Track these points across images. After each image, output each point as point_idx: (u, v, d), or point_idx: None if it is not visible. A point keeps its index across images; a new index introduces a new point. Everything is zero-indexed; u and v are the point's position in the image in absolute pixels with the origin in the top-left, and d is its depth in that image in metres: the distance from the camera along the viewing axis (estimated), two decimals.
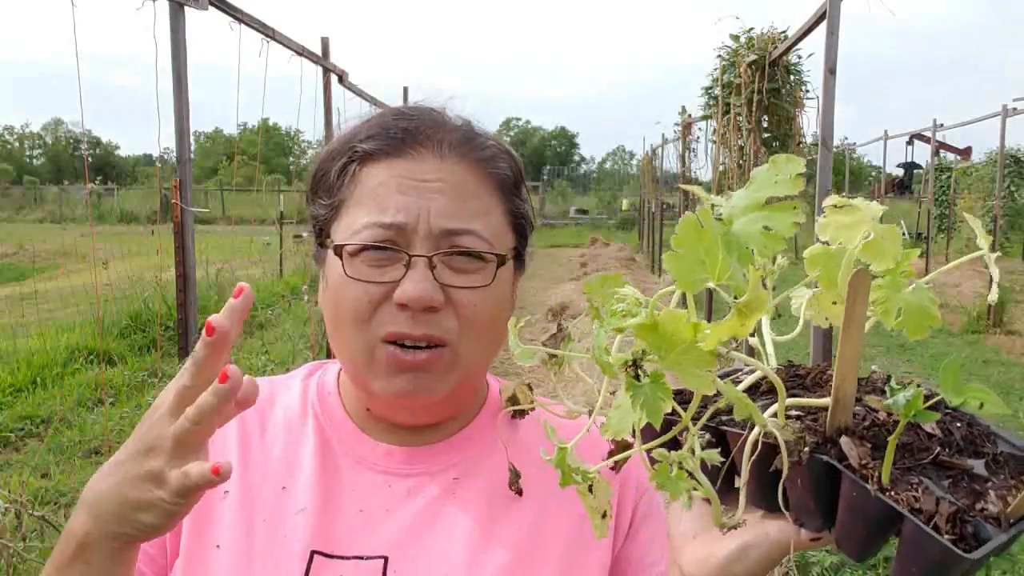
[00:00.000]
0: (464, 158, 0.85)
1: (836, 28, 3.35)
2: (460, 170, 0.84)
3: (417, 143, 0.84)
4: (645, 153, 19.48)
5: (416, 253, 0.81)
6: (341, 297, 0.83)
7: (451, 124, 0.87)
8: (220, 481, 0.64)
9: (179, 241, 3.45)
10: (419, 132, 0.85)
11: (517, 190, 0.90)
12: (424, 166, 0.83)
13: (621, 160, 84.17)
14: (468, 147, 0.86)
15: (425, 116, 0.87)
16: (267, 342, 7.31)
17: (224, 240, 10.34)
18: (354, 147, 0.86)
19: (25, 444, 5.42)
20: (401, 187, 0.82)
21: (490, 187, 0.86)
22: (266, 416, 0.93)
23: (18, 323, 7.68)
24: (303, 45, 4.98)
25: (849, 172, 20.89)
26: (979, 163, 17.47)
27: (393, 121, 0.86)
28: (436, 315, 0.81)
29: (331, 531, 0.82)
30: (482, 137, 0.88)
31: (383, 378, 0.82)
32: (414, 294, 0.79)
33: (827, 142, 3.42)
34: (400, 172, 0.83)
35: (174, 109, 3.40)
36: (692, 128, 10.51)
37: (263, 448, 0.89)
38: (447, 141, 0.85)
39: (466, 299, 0.82)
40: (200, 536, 0.83)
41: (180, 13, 3.38)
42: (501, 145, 0.90)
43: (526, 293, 12.88)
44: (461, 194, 0.83)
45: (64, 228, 19.76)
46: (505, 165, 0.88)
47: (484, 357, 0.87)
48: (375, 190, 0.83)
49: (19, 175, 58.46)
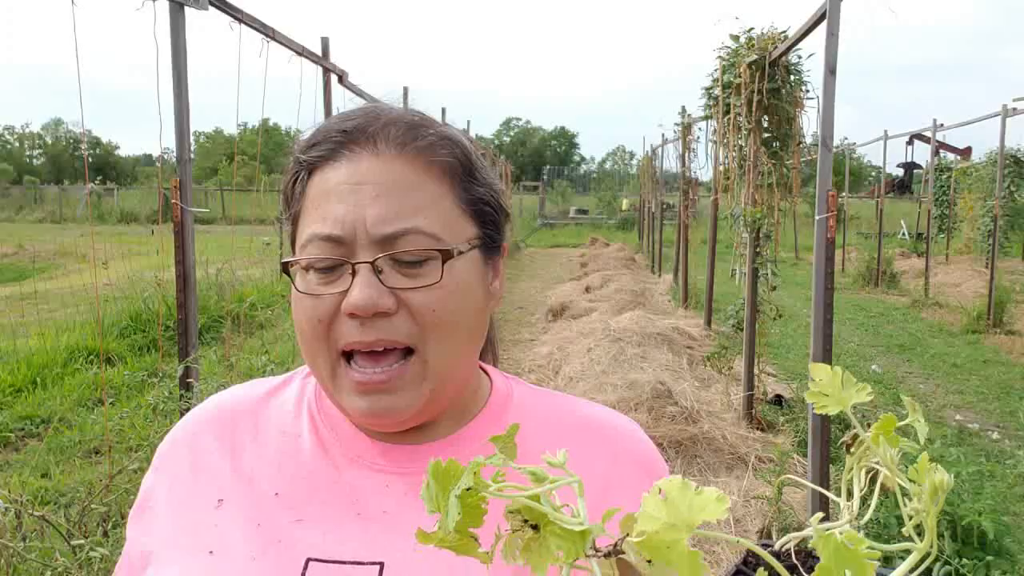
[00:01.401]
0: (402, 151, 0.82)
1: (836, 28, 3.35)
2: (398, 165, 0.81)
3: (355, 143, 0.82)
4: (645, 153, 19.47)
5: (359, 260, 0.79)
6: (298, 314, 0.83)
7: (391, 118, 0.84)
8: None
9: (179, 241, 3.45)
10: (356, 132, 0.83)
11: (470, 176, 0.85)
12: (360, 167, 0.81)
13: (621, 160, 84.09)
14: (405, 139, 0.83)
15: (367, 114, 0.85)
16: (267, 342, 7.31)
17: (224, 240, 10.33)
18: (298, 158, 0.85)
19: (25, 444, 5.42)
20: (339, 195, 0.80)
21: (434, 176, 0.82)
22: (259, 417, 0.91)
23: (18, 323, 7.68)
24: (303, 45, 4.98)
25: (849, 172, 20.88)
26: (979, 163, 17.46)
27: (334, 125, 0.84)
28: (389, 320, 0.79)
29: (328, 535, 0.81)
30: (423, 127, 0.84)
31: (347, 397, 0.81)
32: (358, 300, 0.77)
33: (827, 142, 3.42)
34: (338, 178, 0.81)
35: (174, 109, 3.40)
36: (692, 128, 10.51)
37: (256, 451, 0.88)
38: (384, 137, 0.82)
39: (419, 300, 0.79)
40: (191, 544, 0.82)
41: (180, 13, 3.38)
42: (443, 131, 0.85)
43: (526, 293, 12.87)
44: (399, 190, 0.80)
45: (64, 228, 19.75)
46: (447, 152, 0.84)
47: (458, 357, 0.84)
48: (317, 200, 0.82)
49: (19, 175, 58.47)
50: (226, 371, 4.85)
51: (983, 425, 6.21)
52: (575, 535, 0.47)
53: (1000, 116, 10.71)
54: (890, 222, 21.58)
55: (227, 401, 0.95)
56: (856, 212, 27.36)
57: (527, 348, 8.46)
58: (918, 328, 10.35)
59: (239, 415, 0.92)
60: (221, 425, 0.91)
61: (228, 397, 0.96)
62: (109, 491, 3.34)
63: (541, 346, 8.26)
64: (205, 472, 0.87)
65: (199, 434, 0.91)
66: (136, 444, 4.47)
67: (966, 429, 6.08)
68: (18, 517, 2.63)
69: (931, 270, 13.86)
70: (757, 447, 5.17)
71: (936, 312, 11.52)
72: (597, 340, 7.13)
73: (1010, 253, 17.86)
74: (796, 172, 5.71)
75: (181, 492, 0.87)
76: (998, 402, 6.82)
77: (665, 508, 0.43)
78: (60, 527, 2.69)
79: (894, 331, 10.19)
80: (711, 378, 6.76)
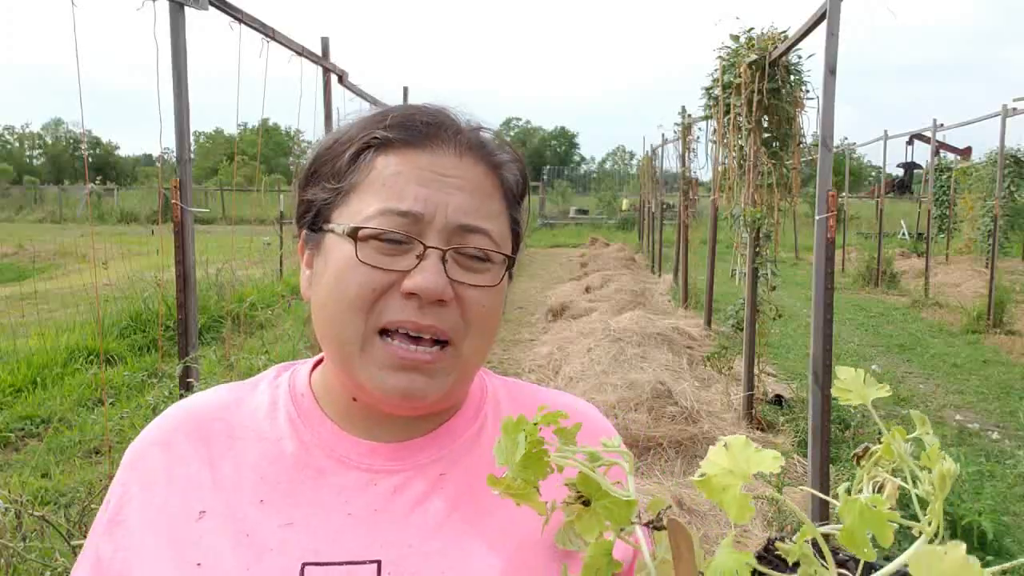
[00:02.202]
0: (481, 161, 0.86)
1: (836, 28, 3.35)
2: (478, 171, 0.85)
3: (438, 138, 0.85)
4: (645, 153, 19.47)
5: (431, 244, 0.80)
6: (345, 282, 0.82)
7: (469, 125, 0.88)
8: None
9: (179, 241, 3.45)
10: (440, 127, 0.85)
11: (520, 199, 0.91)
12: (444, 161, 0.84)
13: (621, 160, 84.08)
14: (485, 150, 0.87)
15: (444, 114, 0.88)
16: (267, 342, 7.31)
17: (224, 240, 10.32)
18: (373, 134, 0.85)
19: (25, 444, 5.42)
20: (420, 179, 0.82)
21: (500, 193, 0.87)
22: (233, 424, 0.89)
23: (18, 323, 7.68)
24: (303, 45, 4.98)
25: (849, 172, 20.88)
26: (979, 163, 17.45)
27: (415, 114, 0.86)
28: (443, 309, 0.81)
29: (320, 538, 0.80)
30: (498, 142, 0.89)
31: (378, 373, 0.81)
32: (427, 285, 0.78)
33: (827, 142, 3.42)
34: (420, 164, 0.83)
35: (174, 109, 3.40)
36: (692, 128, 10.51)
37: (235, 459, 0.85)
38: (466, 141, 0.86)
39: (473, 297, 0.82)
40: (175, 558, 0.79)
41: (180, 13, 3.38)
42: (515, 153, 0.90)
43: (526, 293, 12.87)
44: (478, 194, 0.84)
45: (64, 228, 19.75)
46: (515, 174, 0.89)
47: (481, 356, 0.87)
48: (391, 178, 0.83)
49: (19, 175, 58.46)
50: (226, 371, 4.84)
51: (983, 425, 6.21)
52: (623, 505, 0.54)
53: (1000, 116, 10.71)
54: (890, 222, 21.57)
55: (196, 407, 0.91)
56: (856, 212, 27.35)
57: (527, 348, 8.46)
58: (918, 328, 10.35)
59: (210, 422, 0.89)
60: (194, 433, 0.88)
61: (196, 403, 0.92)
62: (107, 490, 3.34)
63: (541, 346, 8.25)
64: (181, 483, 0.84)
65: (172, 443, 0.87)
66: None
67: (966, 429, 6.08)
68: (18, 517, 2.63)
69: (931, 270, 13.86)
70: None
71: (936, 312, 11.52)
72: (597, 340, 7.13)
73: (1010, 253, 17.87)
74: (796, 172, 5.71)
75: (157, 503, 0.83)
76: (998, 402, 6.82)
77: (727, 458, 0.50)
78: (60, 527, 2.68)
79: (894, 331, 10.19)
80: (711, 378, 6.76)
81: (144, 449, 0.89)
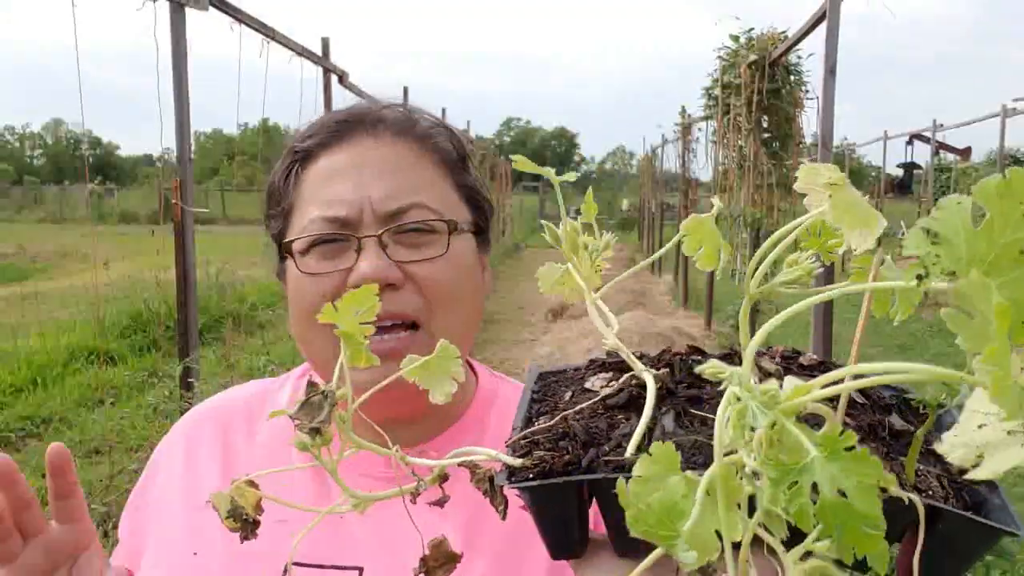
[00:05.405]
0: (399, 136, 0.85)
1: (836, 29, 3.35)
2: (398, 148, 0.84)
3: (351, 131, 0.85)
4: (645, 153, 19.48)
5: (365, 235, 0.80)
6: (299, 297, 0.82)
7: (387, 107, 0.87)
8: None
9: (179, 241, 3.45)
10: (353, 120, 0.85)
11: (463, 163, 0.89)
12: (360, 150, 0.83)
13: (621, 160, 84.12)
14: (403, 125, 0.86)
15: (360, 108, 0.88)
16: (267, 342, 7.31)
17: (224, 240, 10.33)
18: (294, 148, 0.86)
19: (25, 444, 5.42)
20: (340, 176, 0.82)
21: (431, 161, 0.85)
22: (255, 421, 0.91)
23: (18, 323, 7.68)
24: (303, 45, 4.98)
25: (849, 172, 20.83)
26: (979, 163, 17.46)
27: (329, 117, 0.87)
28: (397, 293, 0.79)
29: (308, 539, 0.79)
30: (417, 115, 0.88)
31: (355, 373, 0.81)
32: (367, 272, 0.77)
33: (827, 142, 3.42)
34: (338, 162, 0.83)
35: (174, 109, 3.40)
36: (692, 128, 10.51)
37: (249, 455, 0.88)
38: (381, 123, 0.85)
39: (425, 272, 0.81)
40: (177, 545, 0.83)
41: (180, 13, 3.38)
42: (438, 120, 0.89)
43: (526, 293, 12.86)
44: (400, 170, 0.83)
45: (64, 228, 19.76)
46: (444, 139, 0.87)
47: (460, 337, 0.84)
48: (316, 185, 0.83)
49: (19, 175, 58.47)
50: (226, 371, 4.85)
51: None
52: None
53: (1000, 116, 10.72)
54: (890, 222, 21.49)
55: (222, 402, 0.95)
56: None
57: (527, 348, 8.46)
58: (918, 328, 10.34)
59: (233, 416, 0.92)
60: (216, 426, 0.92)
61: (223, 398, 0.96)
62: (109, 491, 3.35)
63: (541, 346, 8.26)
64: (196, 473, 0.88)
65: (194, 436, 0.92)
66: (136, 444, 4.47)
67: None
68: None
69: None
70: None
71: (936, 312, 11.52)
72: (597, 340, 7.12)
73: None
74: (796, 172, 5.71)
75: (172, 493, 0.88)
76: None
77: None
78: None
79: (894, 331, 10.19)
80: None
81: (172, 439, 0.94)
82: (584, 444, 0.49)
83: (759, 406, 0.36)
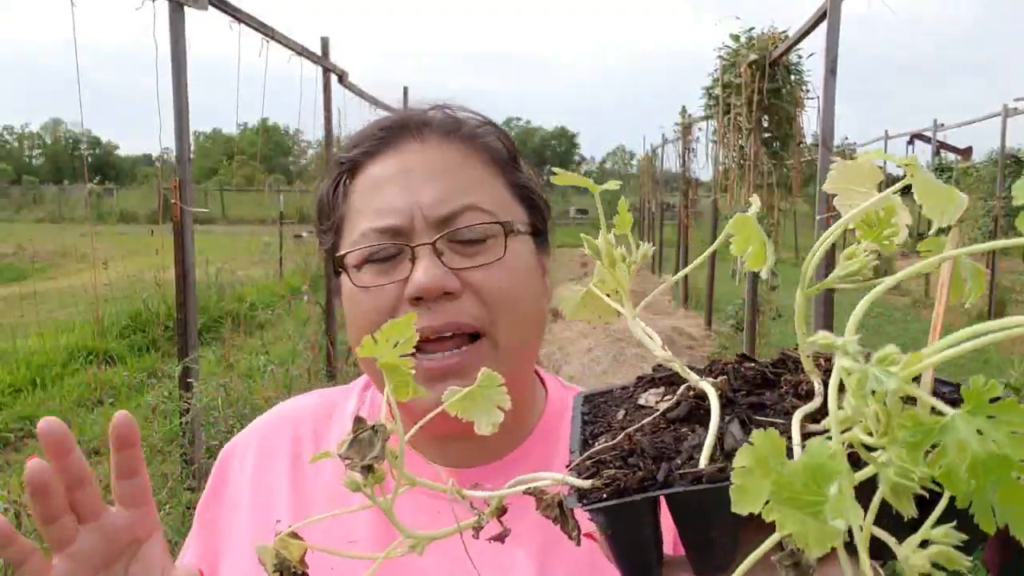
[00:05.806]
0: (446, 137, 0.82)
1: (836, 28, 3.34)
2: (447, 149, 0.81)
3: (397, 137, 0.82)
4: (645, 153, 19.47)
5: (418, 243, 0.77)
6: (355, 313, 0.80)
7: (432, 110, 0.85)
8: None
9: (178, 241, 3.44)
10: (397, 126, 0.83)
11: (515, 163, 0.85)
12: (406, 155, 0.81)
13: (621, 160, 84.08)
14: (449, 127, 0.83)
15: (403, 114, 0.85)
16: (267, 342, 7.30)
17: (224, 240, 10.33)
18: (339, 160, 0.84)
19: (25, 444, 5.42)
20: (389, 184, 0.80)
21: (480, 161, 0.82)
22: (321, 433, 0.88)
23: (18, 323, 7.67)
24: (303, 45, 4.98)
25: None
26: (980, 163, 17.45)
27: (373, 126, 0.85)
28: (456, 302, 0.76)
29: (382, 564, 0.79)
30: (464, 115, 0.85)
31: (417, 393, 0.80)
32: (424, 281, 0.74)
33: (827, 142, 3.42)
34: (385, 170, 0.81)
35: (174, 109, 3.40)
36: (692, 128, 10.51)
37: (315, 469, 0.85)
38: (426, 126, 0.82)
39: (483, 278, 0.77)
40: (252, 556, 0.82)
41: (180, 13, 3.38)
42: (485, 119, 0.86)
43: None
44: (449, 172, 0.80)
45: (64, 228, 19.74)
46: (493, 138, 0.84)
47: (527, 343, 0.81)
48: (365, 196, 0.81)
49: (19, 175, 58.44)
50: (226, 371, 4.84)
51: None
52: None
53: (1000, 116, 10.71)
54: None
55: (293, 410, 0.93)
56: None
57: None
58: (919, 328, 10.34)
59: (301, 428, 0.90)
60: (287, 436, 0.89)
61: (294, 406, 0.94)
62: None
63: (542, 346, 8.26)
64: (267, 483, 0.86)
65: (266, 448, 0.89)
66: None
67: None
68: (18, 517, 2.62)
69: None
70: None
71: None
72: (597, 340, 7.13)
73: (1010, 253, 17.85)
74: (796, 172, 5.71)
75: (254, 500, 0.86)
76: None
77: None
78: None
79: (894, 331, 10.19)
80: None
81: (244, 442, 0.91)
82: (655, 459, 0.47)
83: (882, 372, 0.35)
